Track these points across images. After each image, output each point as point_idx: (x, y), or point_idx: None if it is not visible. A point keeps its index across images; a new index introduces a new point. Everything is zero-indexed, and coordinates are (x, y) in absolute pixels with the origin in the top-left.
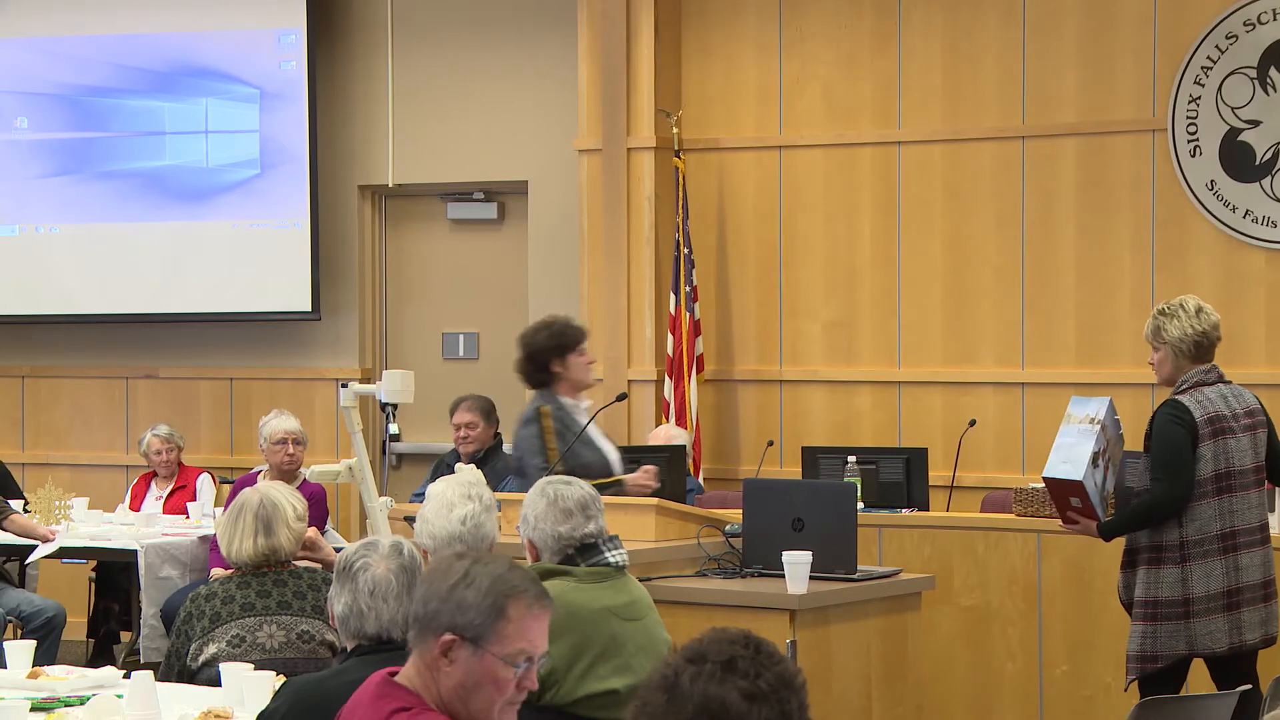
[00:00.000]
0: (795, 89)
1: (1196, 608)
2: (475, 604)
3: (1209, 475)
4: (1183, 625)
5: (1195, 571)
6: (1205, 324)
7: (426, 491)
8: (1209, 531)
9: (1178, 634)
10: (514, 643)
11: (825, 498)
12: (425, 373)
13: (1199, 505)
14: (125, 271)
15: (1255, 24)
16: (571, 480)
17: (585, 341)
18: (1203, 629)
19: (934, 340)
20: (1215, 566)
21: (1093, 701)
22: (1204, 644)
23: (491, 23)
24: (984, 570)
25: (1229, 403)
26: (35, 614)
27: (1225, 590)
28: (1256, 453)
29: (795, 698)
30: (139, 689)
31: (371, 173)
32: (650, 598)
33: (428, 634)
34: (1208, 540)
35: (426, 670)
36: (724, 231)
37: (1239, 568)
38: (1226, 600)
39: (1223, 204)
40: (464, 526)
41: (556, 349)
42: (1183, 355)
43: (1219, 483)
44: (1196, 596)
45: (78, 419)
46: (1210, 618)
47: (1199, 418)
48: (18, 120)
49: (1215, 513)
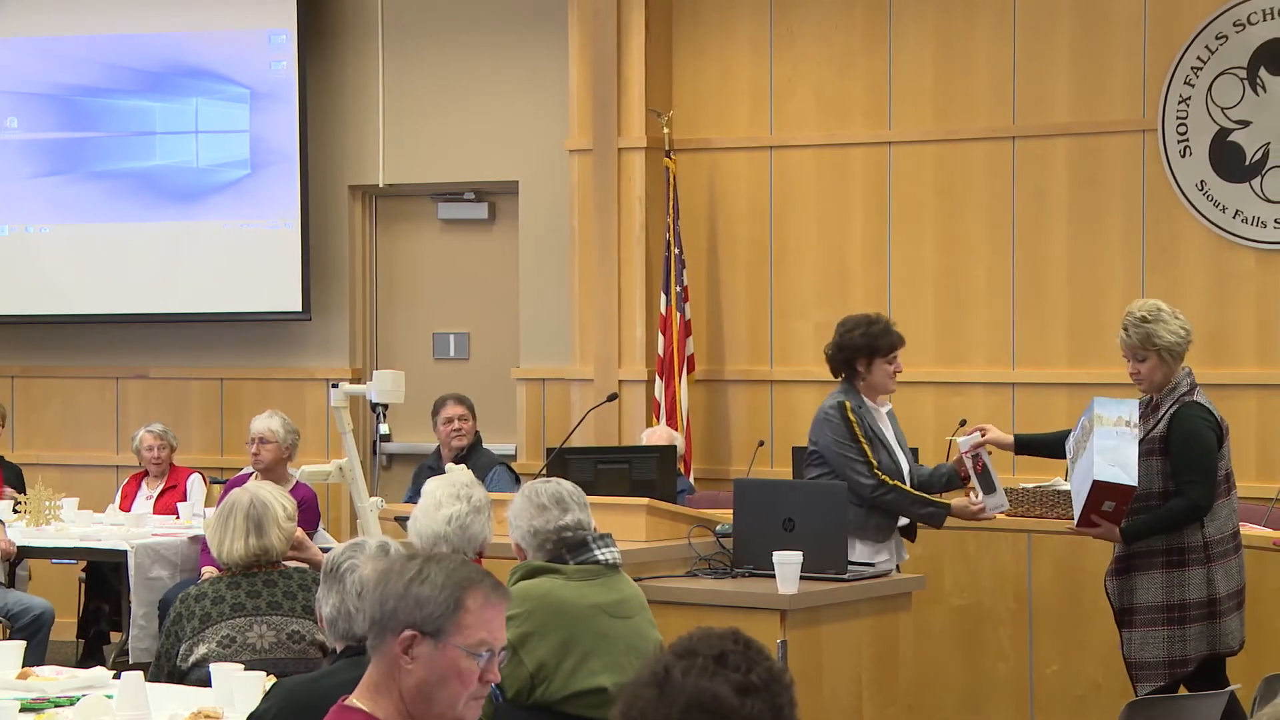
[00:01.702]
0: (786, 89)
1: (1222, 607)
2: (432, 597)
3: (1223, 475)
4: (1207, 626)
5: (1218, 571)
6: (1186, 323)
7: (423, 489)
8: (1227, 530)
9: (1202, 635)
10: (475, 633)
11: (816, 498)
12: (416, 373)
13: (1218, 505)
14: (116, 271)
15: (1245, 25)
16: (551, 479)
17: (899, 350)
18: (1226, 628)
19: (925, 340)
20: (1234, 565)
21: (1083, 701)
22: (1225, 643)
23: (482, 23)
24: (975, 570)
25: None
26: (22, 612)
27: (1240, 588)
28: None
29: (785, 693)
30: (129, 689)
31: (362, 173)
32: (643, 597)
33: (386, 634)
34: (1226, 539)
35: (387, 673)
36: (715, 232)
37: (1242, 566)
38: (1239, 599)
39: (1213, 204)
40: (449, 527)
41: (866, 349)
42: (1176, 358)
43: (1229, 482)
44: (1221, 596)
45: (68, 419)
46: (1231, 616)
47: (1218, 418)
48: (8, 120)
49: (1230, 511)
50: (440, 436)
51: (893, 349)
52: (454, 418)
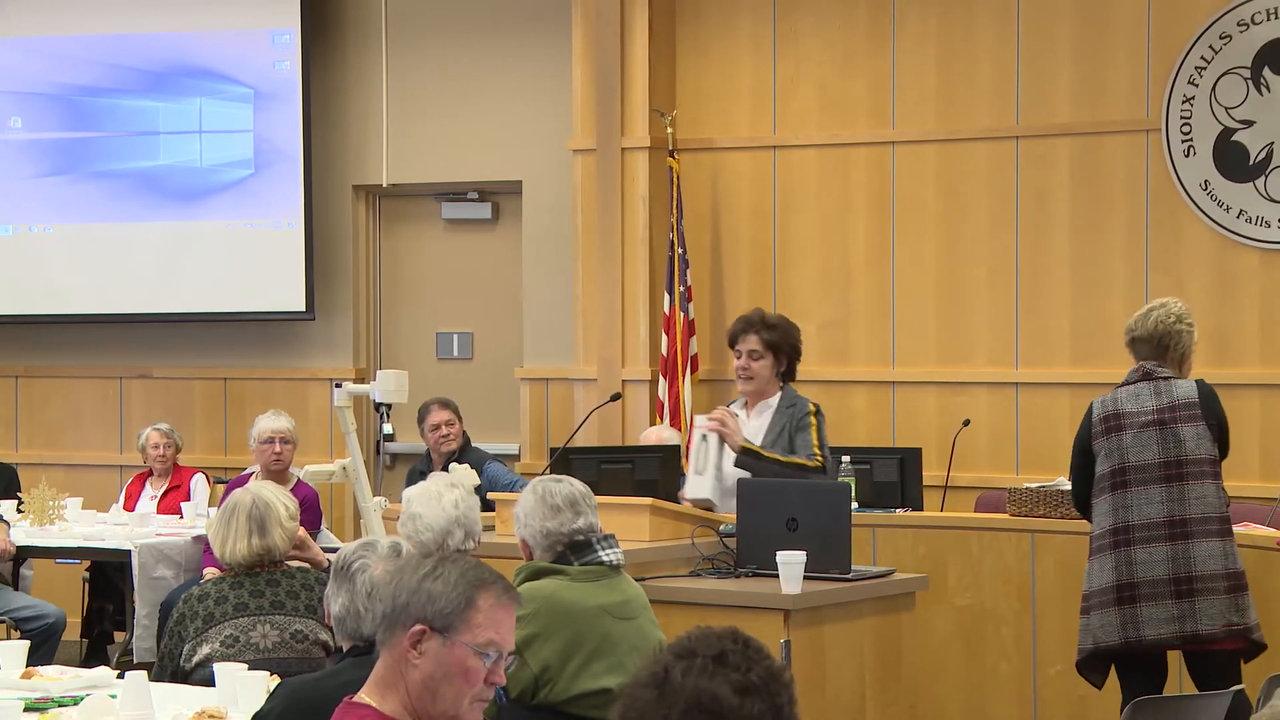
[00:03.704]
0: (789, 89)
1: (1090, 602)
2: (444, 594)
3: (1107, 470)
4: (1085, 618)
5: (1094, 565)
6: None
7: (404, 496)
8: (1103, 527)
9: (1085, 628)
10: (484, 632)
11: (819, 498)
12: (419, 373)
13: (1096, 502)
14: (119, 271)
15: (1249, 24)
16: (563, 478)
17: (738, 343)
18: (1092, 622)
19: (928, 340)
20: (1107, 561)
21: (1086, 701)
22: (1096, 637)
23: (485, 23)
24: (978, 570)
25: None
26: (35, 618)
27: (1111, 585)
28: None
29: (785, 691)
30: (133, 689)
31: (366, 172)
32: (645, 597)
33: (396, 627)
34: (1101, 535)
35: (395, 668)
36: (718, 231)
37: (1123, 563)
38: (1113, 594)
39: (1216, 204)
40: (458, 510)
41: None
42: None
43: (1113, 478)
44: (1092, 590)
45: (72, 419)
46: (1099, 612)
47: (1098, 413)
48: (12, 120)
49: (1108, 509)
50: (429, 442)
51: (733, 343)
52: (440, 424)
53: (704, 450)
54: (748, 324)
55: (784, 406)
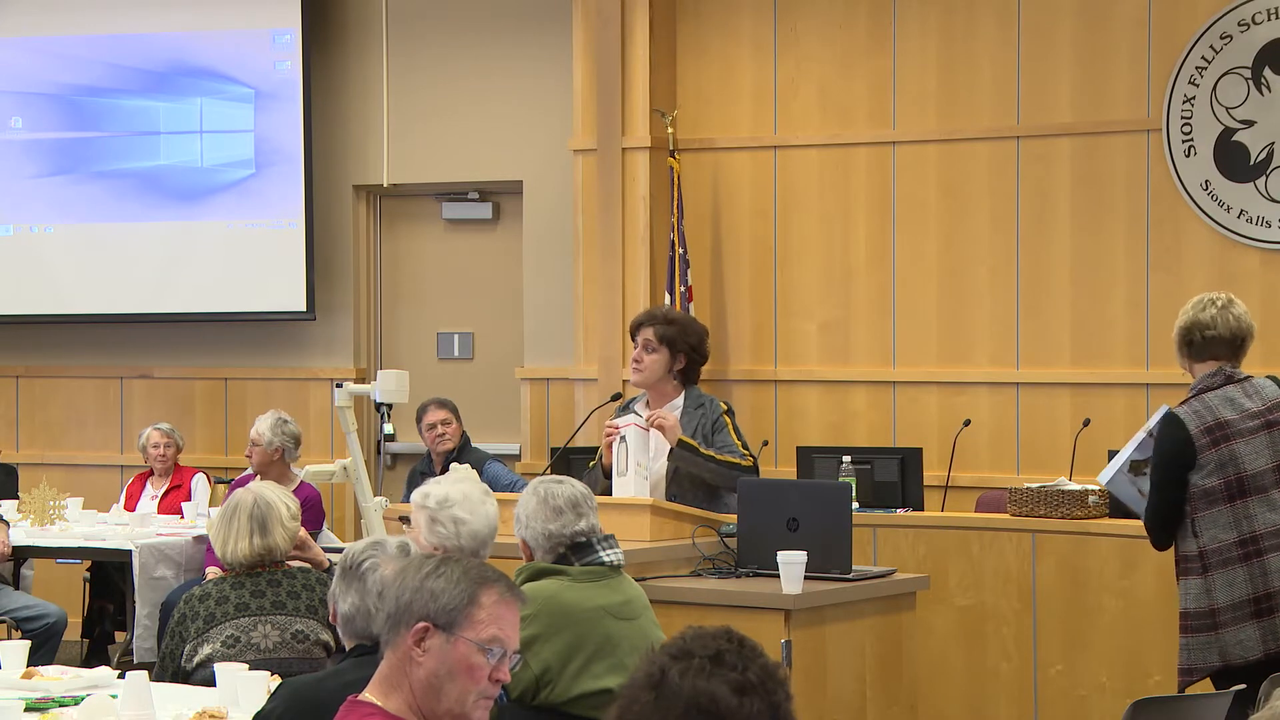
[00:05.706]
0: (790, 89)
1: (1222, 618)
2: (447, 591)
3: (1220, 484)
4: (1212, 636)
5: (1218, 580)
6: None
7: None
8: (1227, 539)
9: (1209, 645)
10: (487, 629)
11: (820, 498)
12: (420, 373)
13: (1215, 513)
14: (120, 271)
15: (1250, 24)
16: (564, 479)
17: (635, 334)
18: (1230, 639)
19: (929, 340)
20: (1239, 574)
21: (1087, 701)
22: (1236, 653)
23: (486, 23)
24: (979, 570)
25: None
26: (36, 618)
27: (1248, 598)
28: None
29: (781, 689)
30: (134, 689)
31: (366, 172)
32: (646, 597)
33: (400, 625)
34: (1227, 548)
35: (399, 666)
36: (719, 231)
37: (1258, 574)
38: (1251, 608)
39: (1217, 204)
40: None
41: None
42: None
43: (1227, 491)
44: (1221, 606)
45: (72, 419)
46: (1235, 628)
47: (1193, 429)
48: (12, 120)
49: (1229, 520)
50: (427, 442)
51: (633, 335)
52: (436, 423)
53: (622, 451)
54: (649, 316)
55: (691, 407)
